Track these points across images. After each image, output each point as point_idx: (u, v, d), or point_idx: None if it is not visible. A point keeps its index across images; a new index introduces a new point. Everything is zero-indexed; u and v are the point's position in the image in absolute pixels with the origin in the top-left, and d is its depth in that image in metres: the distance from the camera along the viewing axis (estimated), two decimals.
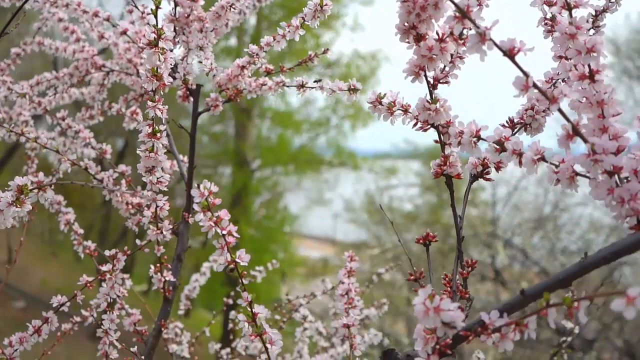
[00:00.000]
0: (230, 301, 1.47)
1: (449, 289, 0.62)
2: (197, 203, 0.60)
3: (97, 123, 1.22)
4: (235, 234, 0.62)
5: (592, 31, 0.71)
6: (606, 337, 5.78)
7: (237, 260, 0.62)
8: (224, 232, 0.61)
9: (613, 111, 0.53)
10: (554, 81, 0.68)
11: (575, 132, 0.51)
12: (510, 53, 0.50)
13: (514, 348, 0.51)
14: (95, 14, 1.08)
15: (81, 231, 1.09)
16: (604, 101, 0.53)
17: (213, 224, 0.61)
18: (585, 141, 0.50)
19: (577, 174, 0.54)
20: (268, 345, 0.64)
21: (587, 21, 0.71)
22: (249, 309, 0.64)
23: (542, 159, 0.55)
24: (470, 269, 0.62)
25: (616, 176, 0.52)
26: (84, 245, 1.05)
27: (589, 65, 0.53)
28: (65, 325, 1.15)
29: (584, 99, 0.54)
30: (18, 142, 1.24)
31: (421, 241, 0.66)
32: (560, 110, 0.51)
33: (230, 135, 11.76)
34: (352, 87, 0.83)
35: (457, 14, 0.50)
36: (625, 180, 0.51)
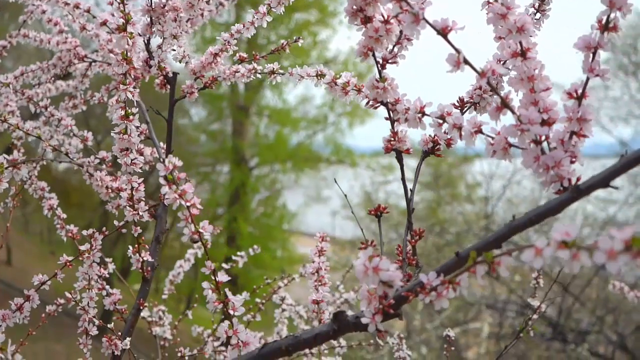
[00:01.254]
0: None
1: (400, 258, 0.67)
2: (162, 176, 0.64)
3: (94, 123, 1.26)
4: (199, 206, 0.65)
5: (538, 14, 0.74)
6: (600, 331, 5.83)
7: (201, 230, 0.66)
8: (189, 204, 0.65)
9: (543, 86, 0.57)
10: (502, 62, 0.72)
11: (504, 104, 0.55)
12: (443, 32, 0.54)
13: (509, 342, 0.54)
14: (76, 6, 1.12)
15: (64, 216, 1.12)
16: (534, 77, 0.57)
17: (177, 196, 0.65)
18: (513, 112, 0.54)
19: (511, 145, 0.58)
20: (231, 311, 0.68)
21: (533, 5, 0.75)
22: (213, 278, 0.68)
23: (480, 131, 0.59)
24: (418, 237, 0.66)
25: (545, 145, 0.56)
26: (67, 229, 1.09)
27: (520, 43, 0.57)
28: (50, 307, 1.19)
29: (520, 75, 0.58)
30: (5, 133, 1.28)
31: (372, 212, 0.70)
32: (489, 84, 0.55)
33: (227, 133, 11.80)
34: (319, 72, 0.87)
35: None
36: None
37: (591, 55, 0.55)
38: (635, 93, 8.67)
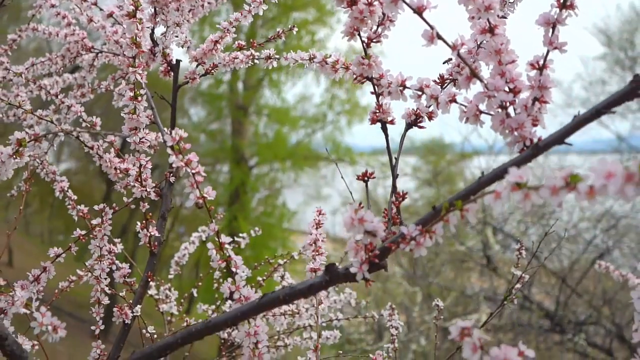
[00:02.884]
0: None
1: (386, 219, 0.74)
2: (169, 147, 0.71)
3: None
4: (203, 173, 0.73)
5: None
6: (597, 322, 5.91)
7: (205, 195, 0.73)
8: (194, 171, 0.72)
9: (509, 59, 0.64)
10: (479, 42, 0.79)
11: (473, 74, 0.62)
12: (419, 10, 0.61)
13: (505, 333, 0.61)
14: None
15: (75, 197, 1.19)
16: (501, 50, 0.64)
17: (184, 164, 0.72)
18: (481, 81, 0.61)
19: (481, 112, 0.65)
20: (233, 269, 0.75)
21: None
22: (217, 239, 0.75)
23: (454, 100, 0.66)
24: (402, 198, 0.73)
25: (511, 110, 0.63)
26: (77, 209, 1.16)
27: (488, 21, 0.64)
28: (62, 284, 1.26)
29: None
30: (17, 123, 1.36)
31: (360, 178, 0.77)
32: (460, 56, 0.62)
33: (227, 132, 11.86)
34: (312, 56, 0.93)
35: None
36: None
37: (550, 29, 0.62)
38: None
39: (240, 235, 1.54)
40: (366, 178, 0.76)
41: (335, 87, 12.25)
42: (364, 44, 0.71)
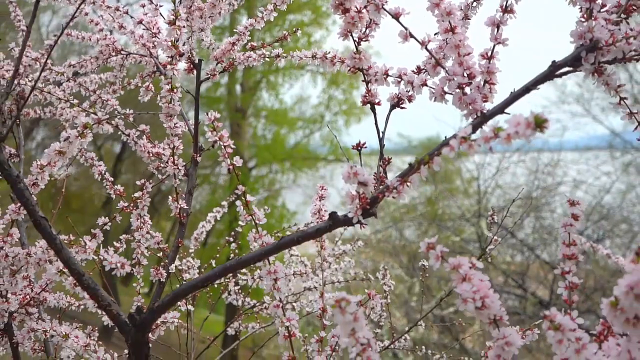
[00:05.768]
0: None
1: (375, 181, 0.94)
2: (206, 125, 0.91)
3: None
4: (232, 146, 0.93)
5: (475, 3, 1.02)
6: (589, 309, 6.12)
7: (235, 163, 0.94)
8: (225, 144, 0.93)
9: (465, 52, 0.84)
10: (443, 39, 0.99)
11: (437, 63, 0.82)
12: (396, 16, 0.82)
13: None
14: (117, 9, 1.39)
15: (112, 179, 1.39)
16: (459, 45, 0.84)
17: (218, 139, 0.92)
18: (444, 68, 0.82)
19: (445, 92, 0.85)
20: (257, 221, 0.95)
21: None
22: (244, 198, 0.95)
23: (425, 84, 0.87)
24: (387, 162, 0.93)
25: (468, 90, 0.83)
26: (115, 188, 1.36)
27: (449, 23, 0.84)
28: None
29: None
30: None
31: (354, 147, 0.98)
32: (427, 50, 0.82)
33: None
34: (314, 54, 1.14)
35: None
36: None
37: (496, 28, 0.83)
38: (625, 83, 8.93)
39: (264, 208, 1.74)
40: (359, 148, 0.96)
41: (332, 87, 12.46)
42: (356, 43, 0.92)
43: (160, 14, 1.29)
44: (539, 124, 0.59)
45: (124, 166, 11.32)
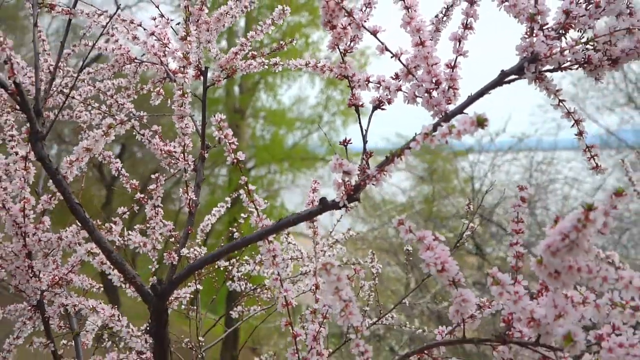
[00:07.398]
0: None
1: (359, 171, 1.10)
2: (213, 125, 1.07)
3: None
4: (236, 142, 1.09)
5: (444, 18, 1.18)
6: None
7: (237, 157, 1.10)
8: (230, 141, 1.09)
9: (433, 62, 1.00)
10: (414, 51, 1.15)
11: (408, 72, 0.98)
12: (374, 32, 0.98)
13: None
14: (132, 21, 1.55)
15: (127, 174, 1.55)
16: (427, 56, 1.00)
17: (223, 137, 1.08)
18: (414, 76, 0.98)
19: (416, 95, 1.01)
20: (257, 206, 1.11)
21: (441, 12, 1.18)
22: (246, 187, 1.11)
23: (400, 89, 1.03)
24: (370, 155, 1.09)
25: (435, 94, 0.99)
26: (131, 182, 1.52)
27: (419, 37, 1.01)
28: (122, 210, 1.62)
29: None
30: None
31: (342, 143, 1.14)
32: (400, 61, 0.98)
33: None
34: (307, 62, 1.30)
35: (346, 14, 0.97)
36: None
37: (458, 42, 0.99)
38: (619, 82, 9.10)
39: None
40: (345, 144, 1.13)
41: (330, 88, 12.62)
42: (341, 54, 1.08)
43: (172, 27, 1.45)
44: (481, 122, 0.75)
45: (123, 167, 11.47)
